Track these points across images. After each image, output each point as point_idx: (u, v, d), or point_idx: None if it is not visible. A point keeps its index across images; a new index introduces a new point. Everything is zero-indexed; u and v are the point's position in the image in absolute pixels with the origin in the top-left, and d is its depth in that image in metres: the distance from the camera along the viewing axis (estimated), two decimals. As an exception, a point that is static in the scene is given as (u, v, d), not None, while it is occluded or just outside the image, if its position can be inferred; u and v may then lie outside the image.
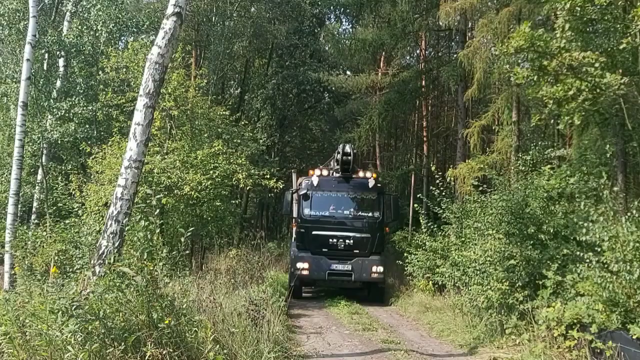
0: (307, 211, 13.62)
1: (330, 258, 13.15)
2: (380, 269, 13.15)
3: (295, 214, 13.99)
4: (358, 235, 13.36)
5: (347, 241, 13.23)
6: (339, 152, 13.77)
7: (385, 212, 13.78)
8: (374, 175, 14.29)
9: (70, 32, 15.86)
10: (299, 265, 13.04)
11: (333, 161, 14.97)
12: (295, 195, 14.15)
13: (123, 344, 4.81)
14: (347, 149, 13.74)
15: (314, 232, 13.35)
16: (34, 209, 15.97)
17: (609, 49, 7.72)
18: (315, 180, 13.62)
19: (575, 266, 7.02)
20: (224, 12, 22.48)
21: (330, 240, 13.23)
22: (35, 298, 5.53)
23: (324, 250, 13.20)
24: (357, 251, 13.21)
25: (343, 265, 13.08)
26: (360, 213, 13.78)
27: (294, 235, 14.42)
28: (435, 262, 11.77)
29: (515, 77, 8.25)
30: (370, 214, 13.71)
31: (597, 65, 7.24)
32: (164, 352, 4.90)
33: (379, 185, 14.11)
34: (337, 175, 13.91)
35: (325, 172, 13.95)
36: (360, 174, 13.99)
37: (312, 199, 13.64)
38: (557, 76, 7.77)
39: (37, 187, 15.68)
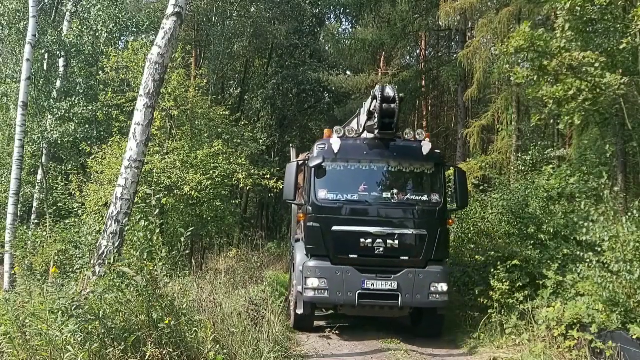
0: (323, 194, 8.56)
1: (363, 270, 8.30)
2: (444, 286, 8.33)
3: (302, 200, 9.11)
4: (407, 232, 8.48)
5: (390, 242, 8.31)
6: (375, 98, 8.39)
7: (446, 194, 8.85)
8: (428, 136, 9.03)
9: (70, 32, 15.86)
10: (312, 282, 8.31)
11: (359, 119, 10.05)
12: (302, 171, 9.26)
13: (123, 344, 4.82)
14: (389, 91, 8.41)
15: (335, 229, 8.39)
16: (34, 209, 15.97)
17: (609, 49, 7.74)
18: (335, 144, 8.65)
19: (576, 266, 7.03)
20: (224, 12, 22.48)
21: (363, 240, 8.30)
22: (35, 298, 5.52)
23: (351, 257, 8.33)
24: (407, 258, 8.39)
25: (384, 281, 8.28)
26: (409, 196, 8.65)
27: (298, 234, 9.84)
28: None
29: (515, 77, 8.27)
30: (425, 198, 8.66)
31: (597, 65, 7.26)
32: (164, 352, 4.91)
33: (437, 151, 9.06)
34: (371, 136, 8.90)
35: (350, 132, 9.05)
36: (408, 134, 8.92)
37: (331, 174, 8.64)
38: (557, 76, 7.80)
39: (37, 187, 15.69)
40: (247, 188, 15.54)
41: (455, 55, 18.65)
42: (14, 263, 11.27)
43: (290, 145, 12.94)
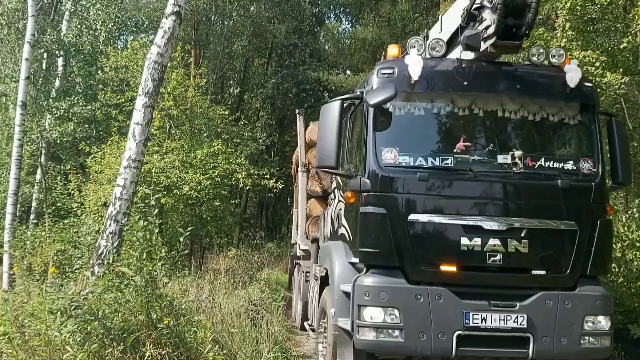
0: (390, 156, 4.93)
1: (465, 294, 4.77)
2: (605, 322, 4.86)
3: (350, 168, 5.57)
4: (545, 225, 4.90)
5: (514, 243, 4.79)
6: None
7: (604, 161, 5.20)
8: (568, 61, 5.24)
9: (69, 32, 15.83)
10: (372, 314, 4.72)
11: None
12: (351, 117, 5.74)
13: (122, 344, 4.81)
14: None
15: (413, 219, 4.83)
16: (33, 209, 15.92)
17: (610, 49, 7.75)
18: (415, 66, 4.95)
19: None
20: (223, 12, 22.46)
21: (465, 241, 4.79)
22: (35, 298, 5.50)
23: (444, 270, 4.85)
24: (542, 272, 4.93)
25: (504, 314, 4.75)
26: (543, 163, 5.04)
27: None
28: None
29: (515, 77, 8.22)
30: (570, 166, 5.07)
31: (598, 64, 7.27)
32: (163, 353, 4.89)
33: (588, 85, 5.29)
34: (472, 55, 5.16)
35: (438, 49, 5.17)
36: (537, 54, 5.22)
37: (404, 120, 5.10)
38: (558, 76, 7.77)
39: (36, 187, 15.65)
40: (247, 188, 15.54)
41: (455, 55, 18.64)
42: (13, 263, 11.23)
43: (297, 111, 9.95)
